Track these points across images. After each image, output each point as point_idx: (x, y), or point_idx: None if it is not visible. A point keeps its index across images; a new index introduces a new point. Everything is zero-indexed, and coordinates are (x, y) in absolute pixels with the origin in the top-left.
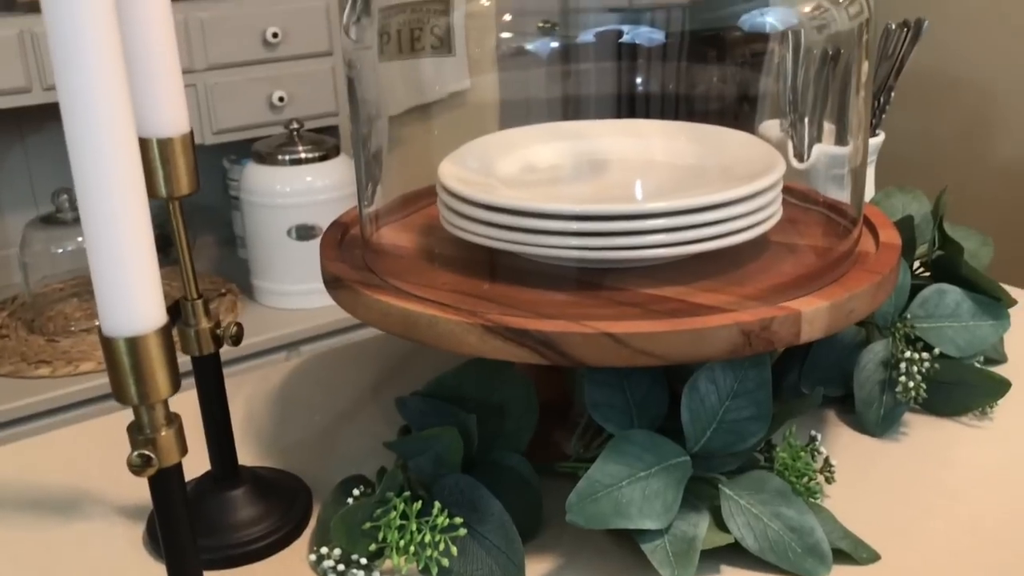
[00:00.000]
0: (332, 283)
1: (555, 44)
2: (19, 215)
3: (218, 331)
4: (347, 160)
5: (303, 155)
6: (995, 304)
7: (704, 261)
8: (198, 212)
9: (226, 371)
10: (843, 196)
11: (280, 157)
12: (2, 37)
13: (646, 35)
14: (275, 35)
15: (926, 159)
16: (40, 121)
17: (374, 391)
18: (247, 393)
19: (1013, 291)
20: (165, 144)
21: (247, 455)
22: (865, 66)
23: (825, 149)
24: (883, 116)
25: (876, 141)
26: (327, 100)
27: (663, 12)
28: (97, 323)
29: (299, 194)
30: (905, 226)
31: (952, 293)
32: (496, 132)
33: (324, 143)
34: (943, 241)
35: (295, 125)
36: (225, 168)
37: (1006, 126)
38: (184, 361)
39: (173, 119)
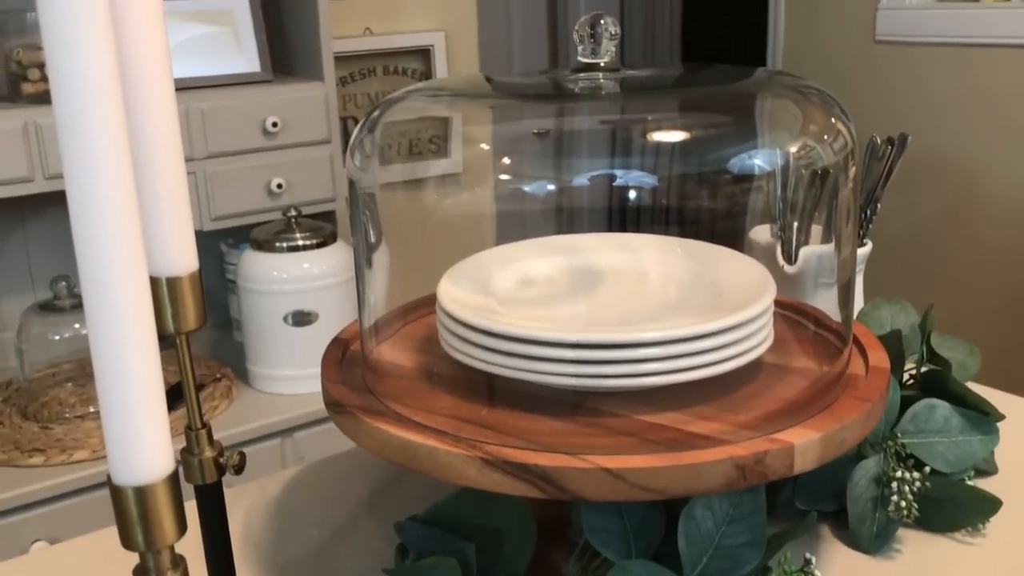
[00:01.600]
0: (333, 407)
1: (551, 187)
2: (17, 299)
3: (221, 460)
4: (344, 246)
5: (300, 242)
6: (984, 419)
7: (699, 384)
8: None
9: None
10: (831, 309)
11: (278, 244)
12: (7, 128)
13: (637, 178)
14: (275, 124)
15: (915, 240)
16: (41, 206)
17: (371, 504)
18: (246, 505)
19: (1003, 397)
20: (174, 282)
21: (245, 573)
22: (850, 188)
23: (814, 251)
24: (870, 226)
25: (864, 251)
26: (325, 186)
27: (651, 157)
28: (92, 409)
29: (296, 280)
30: (893, 342)
31: (941, 408)
32: (493, 248)
33: (321, 230)
34: (931, 356)
35: (293, 212)
36: (223, 252)
37: (993, 208)
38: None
39: (182, 258)
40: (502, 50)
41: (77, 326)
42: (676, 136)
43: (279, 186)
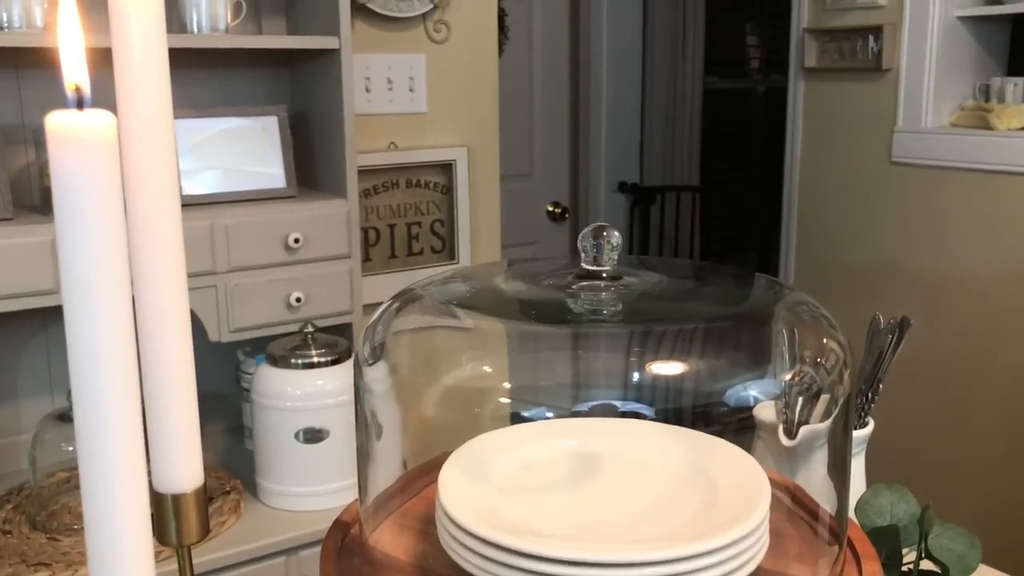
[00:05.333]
0: None
1: (550, 415)
2: (36, 401)
3: None
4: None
5: (315, 359)
6: None
7: None
8: (209, 399)
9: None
10: (828, 495)
11: (293, 360)
12: (38, 243)
13: (636, 408)
14: (296, 240)
15: (931, 360)
16: (62, 313)
17: None
18: None
19: None
20: (179, 499)
21: None
22: (844, 394)
23: (813, 429)
24: (871, 406)
25: (864, 432)
26: (343, 300)
27: (648, 389)
28: None
29: (309, 397)
30: (891, 537)
31: None
32: (497, 431)
33: (337, 346)
34: (928, 555)
35: (309, 328)
36: (239, 360)
37: (1007, 330)
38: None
39: (188, 476)
40: (523, 163)
41: None
42: (674, 369)
43: (298, 300)
